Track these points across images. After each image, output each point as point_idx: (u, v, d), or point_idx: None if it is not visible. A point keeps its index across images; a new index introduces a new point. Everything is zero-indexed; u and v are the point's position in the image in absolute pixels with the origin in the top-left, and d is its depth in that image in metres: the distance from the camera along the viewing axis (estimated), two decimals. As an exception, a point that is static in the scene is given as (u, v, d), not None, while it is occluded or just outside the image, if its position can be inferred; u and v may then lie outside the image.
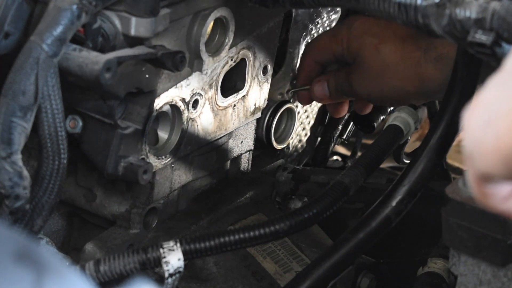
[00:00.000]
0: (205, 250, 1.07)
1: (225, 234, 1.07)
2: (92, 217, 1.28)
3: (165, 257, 1.05)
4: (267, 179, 1.45)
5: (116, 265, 1.04)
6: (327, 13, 1.53)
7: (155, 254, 1.05)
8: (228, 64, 1.29)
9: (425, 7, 0.94)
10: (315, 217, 1.11)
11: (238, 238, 1.07)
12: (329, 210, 1.13)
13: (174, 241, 1.06)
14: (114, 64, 0.99)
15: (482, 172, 0.65)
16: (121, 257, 1.05)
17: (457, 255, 1.02)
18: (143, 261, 1.05)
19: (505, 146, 0.62)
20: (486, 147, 0.63)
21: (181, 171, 1.29)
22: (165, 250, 1.05)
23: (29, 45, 0.96)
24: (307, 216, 1.11)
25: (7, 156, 0.95)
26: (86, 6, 0.98)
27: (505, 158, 0.63)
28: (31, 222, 1.00)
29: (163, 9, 1.07)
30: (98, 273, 1.04)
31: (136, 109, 1.12)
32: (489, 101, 0.64)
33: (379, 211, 1.17)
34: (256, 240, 1.08)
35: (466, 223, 0.98)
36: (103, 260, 1.04)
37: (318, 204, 1.12)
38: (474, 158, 0.65)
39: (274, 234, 1.09)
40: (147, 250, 1.05)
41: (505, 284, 0.99)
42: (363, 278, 1.29)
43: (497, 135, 0.62)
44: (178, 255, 1.05)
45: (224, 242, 1.07)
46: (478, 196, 0.68)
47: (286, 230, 1.09)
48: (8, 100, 0.96)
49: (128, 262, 1.05)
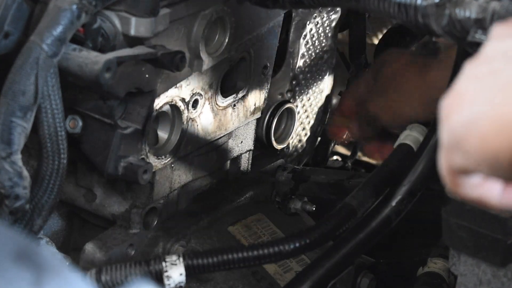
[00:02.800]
0: (208, 267, 1.06)
1: (228, 251, 1.07)
2: (92, 217, 1.28)
3: (167, 271, 1.04)
4: (267, 179, 1.45)
5: (118, 275, 1.04)
6: (327, 13, 1.53)
7: (157, 267, 1.05)
8: (228, 64, 1.29)
9: (425, 7, 0.94)
10: (321, 239, 1.11)
11: (241, 256, 1.07)
12: (335, 232, 1.12)
13: (177, 256, 1.06)
14: (114, 64, 0.99)
15: (461, 167, 0.66)
16: (123, 267, 1.05)
17: (457, 255, 1.02)
18: (145, 274, 1.05)
19: (491, 148, 0.62)
20: (469, 147, 0.64)
21: (181, 171, 1.29)
22: (168, 264, 1.05)
23: (29, 45, 0.96)
24: (314, 238, 1.10)
25: (7, 156, 0.95)
26: (86, 6, 0.98)
27: (490, 159, 0.63)
28: (31, 222, 1.00)
29: (163, 9, 1.07)
30: (99, 282, 1.04)
31: (136, 109, 1.12)
32: (470, 96, 0.64)
33: (379, 211, 1.16)
34: (260, 260, 1.08)
35: (466, 223, 0.98)
36: (105, 269, 1.04)
37: (325, 226, 1.11)
38: (454, 153, 0.66)
39: (279, 254, 1.08)
40: (149, 263, 1.05)
41: (505, 284, 0.99)
42: (363, 278, 1.29)
43: (482, 137, 0.63)
44: (180, 270, 1.05)
45: (227, 259, 1.07)
46: (449, 184, 0.68)
47: (291, 251, 1.08)
48: (8, 100, 0.96)
49: (129, 273, 1.04)
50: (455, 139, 0.65)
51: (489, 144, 0.63)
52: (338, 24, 1.57)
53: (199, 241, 1.29)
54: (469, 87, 0.65)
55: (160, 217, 1.27)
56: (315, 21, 1.51)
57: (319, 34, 1.53)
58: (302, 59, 1.53)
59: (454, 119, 0.65)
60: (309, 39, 1.52)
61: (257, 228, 1.36)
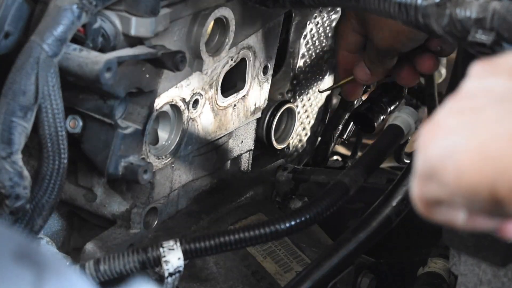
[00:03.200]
0: (205, 250, 1.07)
1: (225, 233, 1.07)
2: (92, 217, 1.28)
3: (165, 256, 1.05)
4: (267, 179, 1.45)
5: (116, 265, 1.04)
6: (327, 13, 1.53)
7: (155, 254, 1.05)
8: (228, 64, 1.29)
9: (425, 7, 0.94)
10: (315, 217, 1.11)
11: (238, 237, 1.07)
12: (329, 210, 1.13)
13: (174, 241, 1.06)
14: (114, 64, 0.99)
15: (435, 198, 0.66)
16: (121, 256, 1.05)
17: (458, 255, 1.02)
18: (143, 261, 1.05)
19: (468, 182, 0.62)
20: (446, 179, 0.63)
21: (181, 171, 1.29)
22: (165, 249, 1.05)
23: (30, 45, 0.96)
24: (308, 216, 1.10)
25: (8, 156, 0.95)
26: (86, 6, 0.98)
27: (466, 192, 0.63)
28: (31, 222, 1.00)
29: (163, 9, 1.07)
30: (98, 272, 1.04)
31: (136, 109, 1.12)
32: (450, 129, 0.64)
33: (379, 211, 1.17)
34: (256, 240, 1.08)
35: (466, 223, 0.98)
36: (103, 260, 1.04)
37: (319, 204, 1.12)
38: (428, 183, 0.65)
39: (274, 234, 1.08)
40: (147, 250, 1.05)
41: (505, 284, 0.99)
42: (363, 278, 1.29)
43: (460, 170, 0.62)
44: (178, 255, 1.05)
45: (224, 241, 1.07)
46: (420, 209, 0.68)
47: (286, 230, 1.09)
48: (9, 100, 0.96)
49: (128, 262, 1.05)
50: (431, 169, 0.65)
51: (466, 177, 0.62)
52: (338, 24, 1.57)
53: (199, 241, 1.29)
54: (449, 120, 0.65)
55: (160, 217, 1.27)
56: (316, 21, 1.51)
57: (319, 34, 1.53)
58: (302, 59, 1.53)
59: (431, 148, 0.65)
60: (310, 39, 1.52)
61: (257, 228, 1.36)
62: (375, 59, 1.40)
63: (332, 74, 1.62)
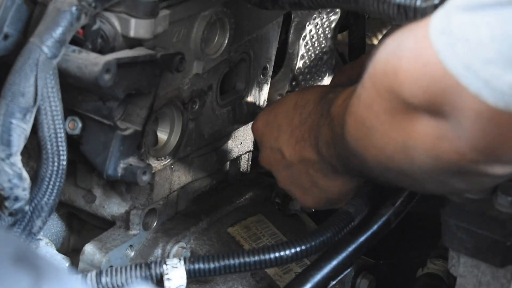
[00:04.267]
0: (209, 271, 1.07)
1: (229, 256, 1.07)
2: (92, 218, 1.28)
3: (168, 273, 1.05)
4: (267, 180, 1.45)
5: (118, 278, 1.04)
6: (326, 14, 1.53)
7: (158, 270, 1.05)
8: (228, 65, 1.29)
9: (424, 9, 0.94)
10: (321, 245, 1.11)
11: (242, 261, 1.07)
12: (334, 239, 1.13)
13: (178, 259, 1.06)
14: (114, 66, 0.99)
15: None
16: (124, 270, 1.05)
17: (457, 256, 1.02)
18: (146, 276, 1.05)
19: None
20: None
21: (181, 172, 1.29)
22: (168, 267, 1.05)
23: (29, 46, 0.96)
24: (314, 244, 1.10)
25: (7, 158, 0.95)
26: (85, 7, 0.98)
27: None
28: (30, 223, 1.00)
29: (162, 11, 1.07)
30: (99, 284, 1.04)
31: (136, 110, 1.12)
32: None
33: (378, 213, 1.16)
34: (260, 265, 1.09)
35: (465, 224, 0.98)
36: (105, 272, 1.04)
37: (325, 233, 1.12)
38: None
39: (279, 260, 1.09)
40: (150, 266, 1.05)
41: (504, 285, 0.99)
42: (362, 279, 1.29)
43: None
44: (181, 273, 1.05)
45: (228, 264, 1.07)
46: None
47: (291, 257, 1.09)
48: (8, 102, 0.96)
49: (130, 276, 1.05)
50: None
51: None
52: (337, 25, 1.57)
53: (199, 242, 1.29)
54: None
55: (159, 218, 1.27)
56: (315, 22, 1.51)
57: (318, 35, 1.53)
58: (301, 60, 1.53)
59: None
60: (309, 40, 1.52)
61: (257, 229, 1.36)
62: None
63: (331, 75, 1.62)
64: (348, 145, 0.99)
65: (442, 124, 0.82)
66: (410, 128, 0.86)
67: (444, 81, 0.78)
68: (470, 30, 0.76)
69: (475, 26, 0.75)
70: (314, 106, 1.16)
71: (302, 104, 1.18)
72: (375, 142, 0.92)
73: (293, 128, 1.18)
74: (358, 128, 0.95)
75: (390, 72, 0.84)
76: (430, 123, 0.83)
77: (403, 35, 0.84)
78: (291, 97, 1.22)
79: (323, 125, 1.10)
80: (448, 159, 0.84)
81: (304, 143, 1.15)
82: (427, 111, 0.83)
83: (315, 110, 1.15)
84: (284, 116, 1.20)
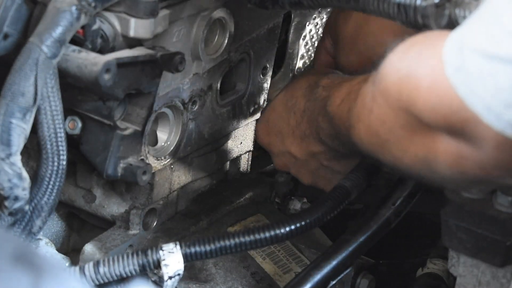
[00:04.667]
0: (205, 253, 1.07)
1: (225, 237, 1.07)
2: (92, 218, 1.28)
3: (165, 259, 1.05)
4: (267, 180, 1.45)
5: (116, 267, 1.04)
6: (326, 14, 1.53)
7: (155, 256, 1.05)
8: (228, 65, 1.29)
9: (424, 8, 0.94)
10: (316, 221, 1.11)
11: (238, 241, 1.07)
12: (330, 215, 1.13)
13: (174, 244, 1.06)
14: (113, 65, 0.99)
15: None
16: (121, 258, 1.05)
17: (456, 256, 1.02)
18: (143, 263, 1.05)
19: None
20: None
21: (181, 172, 1.29)
22: (165, 252, 1.05)
23: (29, 46, 0.96)
24: (308, 220, 1.10)
25: (6, 157, 0.95)
26: (85, 7, 0.98)
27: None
28: (30, 223, 1.00)
29: (162, 10, 1.07)
30: (97, 274, 1.04)
31: (135, 110, 1.12)
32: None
33: (378, 213, 1.17)
34: (256, 244, 1.08)
35: (465, 224, 0.98)
36: (103, 262, 1.04)
37: (319, 208, 1.12)
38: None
39: (275, 238, 1.09)
40: (146, 252, 1.05)
41: (504, 285, 0.99)
42: (362, 279, 1.28)
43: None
44: (178, 258, 1.05)
45: (224, 245, 1.07)
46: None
47: (287, 234, 1.09)
48: (7, 102, 0.96)
49: (127, 264, 1.05)
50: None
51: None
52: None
53: (199, 242, 1.29)
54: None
55: (159, 218, 1.27)
56: (315, 22, 1.51)
57: (318, 35, 1.53)
58: (301, 60, 1.53)
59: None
60: (309, 40, 1.52)
61: (257, 229, 1.36)
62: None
63: (331, 75, 1.62)
64: (358, 144, 1.01)
65: (463, 145, 0.84)
66: (431, 145, 0.87)
67: (463, 113, 0.80)
68: (488, 76, 0.78)
69: (493, 74, 0.78)
70: (305, 102, 1.20)
71: (292, 104, 1.23)
72: (392, 152, 0.94)
73: (293, 129, 1.22)
74: (371, 138, 0.97)
75: (406, 97, 0.86)
76: (451, 143, 0.85)
77: (414, 58, 0.86)
78: (279, 99, 1.27)
79: (322, 122, 1.13)
80: (472, 174, 0.86)
81: (308, 139, 1.20)
82: (447, 132, 0.85)
83: (308, 106, 1.19)
84: (280, 120, 1.25)
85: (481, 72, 0.78)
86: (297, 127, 1.21)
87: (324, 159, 1.21)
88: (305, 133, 1.19)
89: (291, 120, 1.22)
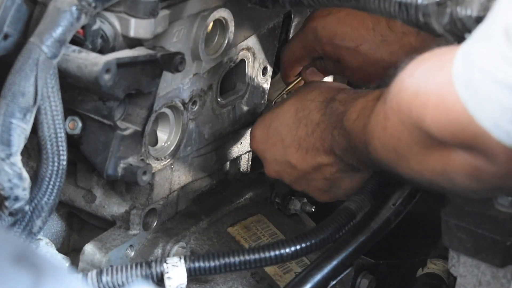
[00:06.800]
0: (209, 269, 1.07)
1: (229, 254, 1.07)
2: (92, 218, 1.28)
3: (168, 272, 1.05)
4: (267, 180, 1.45)
5: (119, 277, 1.04)
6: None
7: (159, 269, 1.05)
8: (228, 65, 1.29)
9: (426, 6, 0.94)
10: (322, 242, 1.11)
11: (243, 259, 1.07)
12: (335, 236, 1.13)
13: (179, 258, 1.06)
14: (113, 66, 0.99)
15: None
16: (125, 269, 1.05)
17: (457, 256, 1.02)
18: (146, 275, 1.05)
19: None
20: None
21: (181, 172, 1.29)
22: (169, 265, 1.05)
23: (29, 46, 0.96)
24: (314, 241, 1.11)
25: (7, 158, 0.95)
26: (85, 7, 0.98)
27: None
28: (30, 223, 1.00)
29: (162, 10, 1.07)
30: (100, 283, 1.04)
31: (136, 110, 1.11)
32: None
33: (378, 213, 1.16)
34: (261, 263, 1.09)
35: (466, 224, 0.98)
36: (106, 271, 1.04)
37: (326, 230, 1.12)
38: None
39: (279, 257, 1.09)
40: (150, 264, 1.05)
41: (504, 285, 0.99)
42: (362, 279, 1.28)
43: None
44: (181, 272, 1.05)
45: (228, 263, 1.07)
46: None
47: (291, 254, 1.09)
48: (8, 102, 0.96)
49: (131, 275, 1.05)
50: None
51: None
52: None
53: (199, 242, 1.29)
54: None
55: (159, 218, 1.27)
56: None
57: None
58: (301, 60, 1.53)
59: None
60: (309, 40, 1.51)
61: (257, 229, 1.36)
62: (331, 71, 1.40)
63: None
64: (376, 160, 1.02)
65: (477, 158, 0.84)
66: (447, 159, 0.88)
67: (472, 128, 0.81)
68: (494, 97, 0.78)
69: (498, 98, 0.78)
70: (320, 115, 1.18)
71: (303, 115, 1.21)
72: (411, 167, 0.94)
73: (299, 139, 1.21)
74: (388, 154, 0.97)
75: (416, 113, 0.87)
76: (466, 157, 0.85)
77: (422, 75, 0.87)
78: (289, 107, 1.24)
79: (338, 136, 1.13)
80: (492, 183, 0.87)
81: (317, 151, 1.18)
82: (459, 147, 0.85)
83: (323, 120, 1.17)
84: (284, 129, 1.23)
85: (488, 92, 0.78)
86: (305, 138, 1.20)
87: (328, 172, 1.20)
88: (314, 146, 1.18)
89: (299, 130, 1.21)
